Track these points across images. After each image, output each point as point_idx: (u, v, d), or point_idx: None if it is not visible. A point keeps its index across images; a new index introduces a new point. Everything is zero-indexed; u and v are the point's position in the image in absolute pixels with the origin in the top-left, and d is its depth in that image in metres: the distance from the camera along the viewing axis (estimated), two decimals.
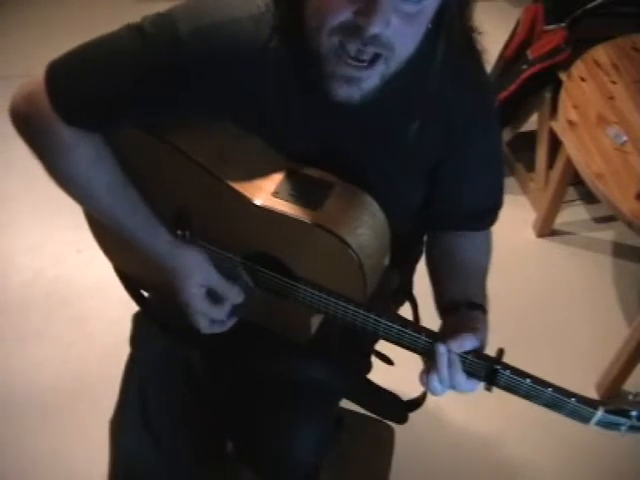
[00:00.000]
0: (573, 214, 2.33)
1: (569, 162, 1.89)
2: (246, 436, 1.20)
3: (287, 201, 0.89)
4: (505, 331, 1.90)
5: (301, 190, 0.90)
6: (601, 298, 2.10)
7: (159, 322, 1.16)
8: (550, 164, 2.17)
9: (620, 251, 2.24)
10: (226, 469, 1.34)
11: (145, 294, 1.20)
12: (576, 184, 2.21)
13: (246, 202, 0.90)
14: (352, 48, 0.76)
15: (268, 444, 1.15)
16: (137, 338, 1.20)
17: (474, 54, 0.91)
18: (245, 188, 0.91)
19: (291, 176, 0.92)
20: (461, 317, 0.92)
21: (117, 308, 1.17)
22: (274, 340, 1.06)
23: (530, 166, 2.33)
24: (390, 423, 1.51)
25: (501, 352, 0.88)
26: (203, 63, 0.84)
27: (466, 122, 0.92)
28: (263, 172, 0.92)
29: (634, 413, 0.85)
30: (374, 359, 1.19)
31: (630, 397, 0.87)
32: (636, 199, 1.61)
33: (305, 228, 0.88)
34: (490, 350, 0.89)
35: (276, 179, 0.92)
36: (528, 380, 0.85)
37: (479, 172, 1.00)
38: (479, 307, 0.94)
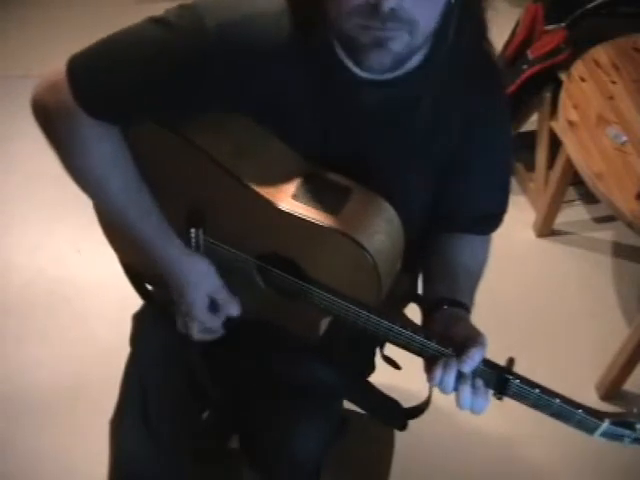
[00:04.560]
0: (573, 214, 2.33)
1: (569, 162, 1.89)
2: (248, 434, 1.20)
3: (306, 204, 0.89)
4: (505, 331, 1.92)
5: (320, 193, 0.90)
6: (601, 298, 2.10)
7: (162, 314, 1.15)
8: (550, 164, 2.17)
9: (620, 251, 2.24)
10: (226, 469, 1.34)
11: (150, 288, 1.20)
12: (576, 184, 2.21)
13: (264, 203, 0.90)
14: (374, 25, 0.74)
15: (270, 443, 1.14)
16: (137, 338, 1.20)
17: (488, 56, 0.91)
18: (263, 188, 0.90)
19: (309, 178, 0.92)
20: (443, 316, 0.91)
21: (117, 308, 1.17)
22: (277, 338, 1.06)
23: (530, 166, 2.33)
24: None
25: (511, 361, 0.87)
26: (227, 57, 0.84)
27: (482, 118, 0.92)
28: (281, 172, 0.92)
29: (639, 426, 0.85)
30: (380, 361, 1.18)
31: (635, 410, 0.87)
32: (636, 199, 1.61)
33: (323, 232, 0.88)
34: (492, 353, 0.89)
35: (294, 181, 0.91)
36: (537, 390, 0.85)
37: (489, 174, 0.99)
38: (461, 305, 0.93)
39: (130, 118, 0.91)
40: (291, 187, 0.91)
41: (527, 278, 2.15)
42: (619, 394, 1.85)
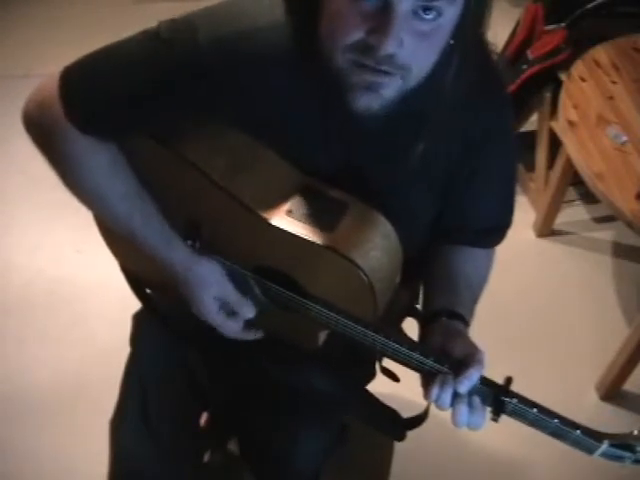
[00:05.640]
0: (573, 214, 2.33)
1: (569, 162, 1.89)
2: (247, 437, 1.20)
3: (300, 221, 0.88)
4: (505, 331, 1.92)
5: (315, 209, 0.89)
6: (601, 298, 2.10)
7: (161, 319, 1.15)
8: (550, 164, 2.17)
9: (620, 251, 2.24)
10: (227, 470, 1.34)
11: (149, 291, 1.20)
12: (576, 184, 2.21)
13: (258, 219, 0.89)
14: (368, 63, 0.74)
15: (270, 448, 1.14)
16: (137, 338, 1.20)
17: (491, 70, 0.90)
18: (257, 204, 0.89)
19: (305, 193, 0.91)
20: (440, 328, 0.90)
21: (117, 308, 1.17)
22: (276, 346, 1.05)
23: (530, 166, 2.33)
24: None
25: (509, 380, 0.86)
26: (220, 71, 0.82)
27: (483, 136, 0.91)
28: (277, 187, 0.91)
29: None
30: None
31: (635, 432, 0.86)
32: (636, 199, 1.61)
33: (318, 249, 0.86)
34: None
35: (289, 196, 0.90)
36: (535, 410, 0.84)
37: (492, 188, 0.98)
38: (460, 317, 0.91)
39: (125, 133, 0.90)
40: (286, 202, 0.90)
41: (527, 278, 2.15)
42: (619, 394, 1.85)
